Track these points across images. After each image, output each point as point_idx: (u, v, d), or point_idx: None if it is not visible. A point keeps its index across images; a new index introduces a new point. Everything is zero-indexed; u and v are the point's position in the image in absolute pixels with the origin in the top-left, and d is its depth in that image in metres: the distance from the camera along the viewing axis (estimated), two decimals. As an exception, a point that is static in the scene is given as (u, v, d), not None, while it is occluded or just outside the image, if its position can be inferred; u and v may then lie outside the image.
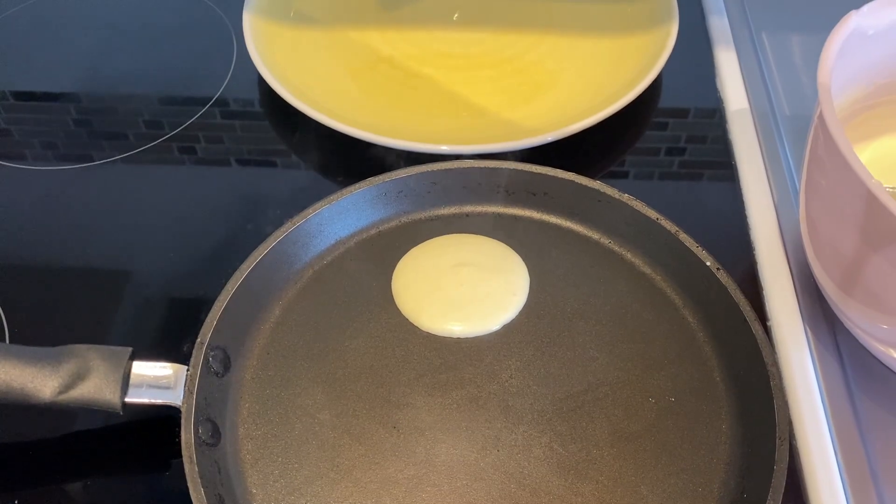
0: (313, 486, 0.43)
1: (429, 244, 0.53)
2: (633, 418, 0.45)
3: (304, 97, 0.59)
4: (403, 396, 0.46)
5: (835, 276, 0.46)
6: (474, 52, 0.67)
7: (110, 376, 0.42)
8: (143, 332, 0.51)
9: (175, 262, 0.55)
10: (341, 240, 0.53)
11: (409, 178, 0.53)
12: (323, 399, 0.46)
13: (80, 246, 0.56)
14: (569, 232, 0.53)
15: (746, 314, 0.46)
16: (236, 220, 0.57)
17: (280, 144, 0.62)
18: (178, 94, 0.66)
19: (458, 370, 0.47)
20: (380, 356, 0.48)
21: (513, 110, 0.62)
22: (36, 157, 0.62)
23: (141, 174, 0.60)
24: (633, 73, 0.61)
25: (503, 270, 0.51)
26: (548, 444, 0.44)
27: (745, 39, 0.66)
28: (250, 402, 0.46)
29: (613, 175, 0.60)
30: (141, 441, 0.47)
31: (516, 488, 0.43)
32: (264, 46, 0.63)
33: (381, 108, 0.62)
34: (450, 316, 0.49)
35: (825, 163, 0.42)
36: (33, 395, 0.42)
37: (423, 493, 0.43)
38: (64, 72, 0.68)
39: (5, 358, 0.42)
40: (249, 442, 0.44)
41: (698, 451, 0.44)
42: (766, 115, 0.61)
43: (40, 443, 0.46)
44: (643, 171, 0.60)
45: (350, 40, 0.67)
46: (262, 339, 0.48)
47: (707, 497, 0.42)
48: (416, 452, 0.44)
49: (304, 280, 0.51)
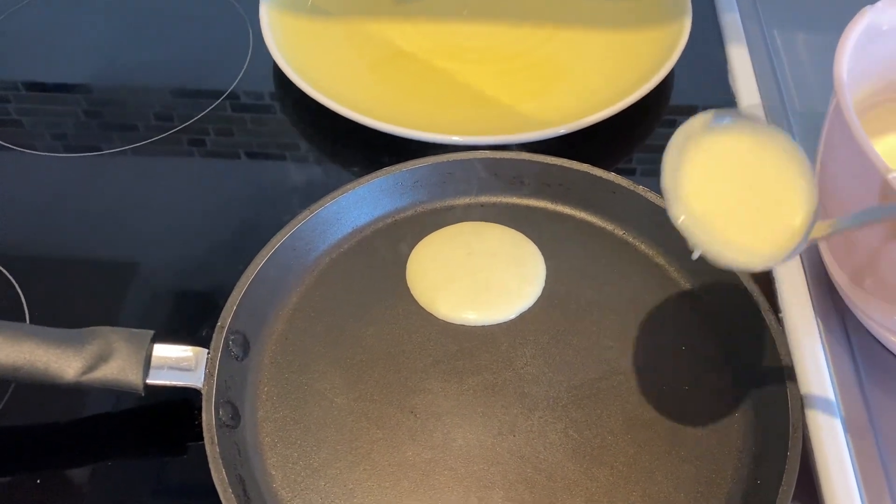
0: (332, 468, 0.44)
1: (444, 232, 0.53)
2: (647, 406, 0.46)
3: (321, 88, 0.60)
4: (420, 382, 0.47)
5: (847, 267, 0.46)
6: (488, 45, 0.67)
7: (133, 358, 0.43)
8: (160, 318, 0.52)
9: (192, 251, 0.55)
10: (358, 228, 0.53)
11: (425, 168, 0.54)
12: (340, 384, 0.47)
13: (94, 234, 0.56)
14: (583, 223, 0.54)
15: (760, 304, 0.46)
16: (252, 210, 0.57)
17: (296, 136, 0.63)
18: (193, 86, 0.67)
19: (475, 357, 0.48)
20: (396, 342, 0.48)
21: (525, 103, 0.63)
22: (46, 148, 0.62)
23: (154, 165, 0.61)
24: (646, 69, 0.62)
25: (519, 259, 0.51)
26: (563, 430, 0.45)
27: (757, 36, 0.67)
28: (269, 386, 0.46)
29: (624, 170, 0.60)
30: (160, 424, 0.47)
31: (532, 472, 0.43)
32: (281, 37, 0.64)
33: (396, 100, 0.62)
34: (466, 305, 0.50)
35: (841, 155, 0.43)
36: (57, 375, 0.42)
37: (439, 476, 0.43)
38: (77, 63, 0.69)
39: (29, 338, 0.42)
40: (268, 424, 0.45)
41: (711, 439, 0.44)
42: (778, 111, 0.61)
43: (62, 425, 0.47)
44: (654, 166, 0.61)
45: (365, 32, 0.68)
46: (281, 324, 0.49)
47: (720, 483, 0.43)
48: (433, 437, 0.45)
49: (321, 267, 0.51)
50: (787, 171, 0.40)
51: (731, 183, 0.40)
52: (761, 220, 0.40)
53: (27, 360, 0.42)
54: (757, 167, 0.40)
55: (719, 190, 0.40)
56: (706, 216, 0.39)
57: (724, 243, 0.39)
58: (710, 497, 0.43)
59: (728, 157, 0.40)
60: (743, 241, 0.39)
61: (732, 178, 0.40)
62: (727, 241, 0.39)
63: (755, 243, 0.39)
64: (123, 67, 0.68)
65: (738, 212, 0.40)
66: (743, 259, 0.39)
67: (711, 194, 0.40)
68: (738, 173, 0.40)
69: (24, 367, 0.42)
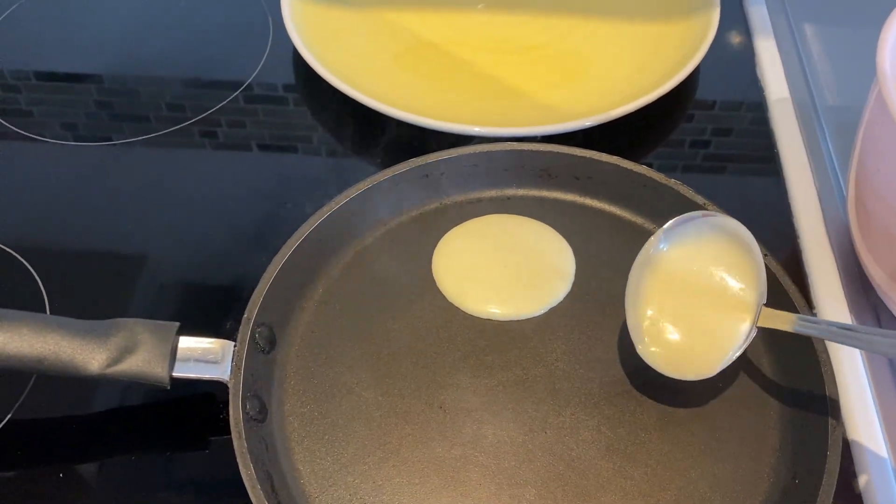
0: (360, 464, 0.43)
1: (470, 224, 0.52)
2: (681, 403, 0.45)
3: (343, 77, 0.59)
4: (449, 377, 0.46)
5: (886, 263, 0.45)
6: (512, 35, 0.66)
7: (158, 350, 0.42)
8: (181, 310, 0.51)
9: (214, 242, 0.54)
10: (382, 220, 0.52)
11: (451, 159, 0.53)
12: (368, 378, 0.46)
13: (109, 225, 0.56)
14: (612, 216, 0.53)
15: (796, 301, 0.45)
16: (274, 203, 0.56)
17: (317, 127, 0.62)
18: (210, 77, 0.66)
19: (504, 352, 0.47)
20: (424, 337, 0.47)
21: (550, 94, 0.62)
22: (56, 137, 0.61)
23: (170, 156, 0.60)
24: (673, 62, 0.61)
25: (548, 253, 0.51)
26: (596, 426, 0.44)
27: (785, 29, 0.66)
28: (296, 380, 0.45)
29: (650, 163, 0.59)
30: (182, 418, 0.46)
31: (565, 469, 0.43)
32: (303, 27, 0.63)
33: (419, 90, 0.61)
34: (494, 299, 0.49)
35: (883, 147, 0.42)
36: (81, 367, 0.41)
37: (470, 472, 0.43)
38: (89, 52, 0.68)
39: (53, 329, 0.41)
40: (295, 419, 0.44)
41: (748, 437, 0.44)
42: (807, 105, 0.60)
43: (84, 418, 0.46)
44: (684, 159, 0.60)
45: (387, 22, 0.67)
46: (307, 317, 0.48)
47: (758, 482, 0.42)
48: (463, 433, 0.44)
49: (346, 260, 0.51)
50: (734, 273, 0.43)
51: (684, 301, 0.44)
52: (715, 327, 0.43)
53: (52, 351, 0.41)
54: (706, 278, 0.44)
55: (675, 313, 0.44)
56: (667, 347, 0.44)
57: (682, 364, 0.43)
58: (748, 497, 0.42)
59: (678, 277, 0.44)
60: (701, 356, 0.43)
61: (684, 297, 0.44)
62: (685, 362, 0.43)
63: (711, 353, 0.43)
64: (137, 57, 0.67)
65: (694, 327, 0.44)
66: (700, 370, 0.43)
67: (668, 320, 0.44)
68: (689, 289, 0.44)
69: (49, 359, 0.41)
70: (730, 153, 0.60)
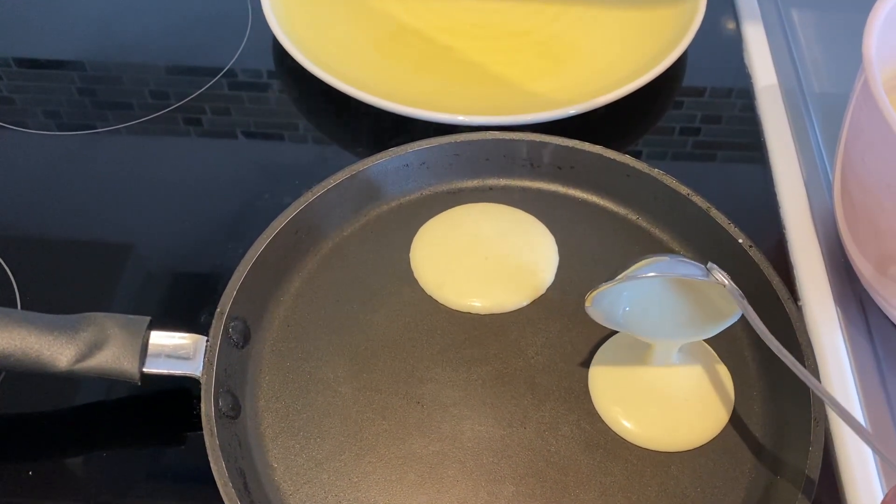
0: (336, 461, 0.42)
1: (450, 213, 0.51)
2: (663, 397, 0.44)
3: (323, 65, 0.58)
4: (427, 371, 0.45)
5: (871, 255, 0.45)
6: (496, 21, 0.65)
7: (128, 345, 0.41)
8: (156, 303, 0.50)
9: (189, 233, 0.53)
10: (362, 211, 0.51)
11: (432, 149, 0.52)
12: (344, 373, 0.45)
13: (88, 215, 0.55)
14: (596, 207, 0.52)
15: (780, 293, 0.45)
16: (252, 192, 0.55)
17: (297, 115, 0.61)
18: (189, 63, 0.64)
19: (483, 346, 0.46)
20: (402, 330, 0.47)
21: (534, 82, 0.61)
22: (39, 126, 0.60)
23: (150, 144, 0.59)
24: (660, 48, 0.60)
25: (530, 244, 0.50)
26: (575, 421, 0.43)
27: (773, 15, 0.65)
28: (270, 375, 0.45)
29: (633, 152, 0.58)
30: (157, 415, 0.45)
31: (544, 466, 0.42)
32: (281, 12, 0.62)
33: (401, 78, 0.60)
34: (473, 292, 0.48)
35: (869, 137, 0.41)
36: (49, 363, 0.40)
37: (448, 469, 0.42)
38: (70, 38, 0.66)
39: (20, 325, 0.40)
40: (270, 415, 0.43)
41: (730, 432, 0.43)
42: (795, 92, 0.59)
43: (54, 414, 0.45)
44: (668, 147, 0.59)
45: (369, 8, 0.66)
46: (282, 310, 0.47)
47: (739, 478, 0.42)
48: (441, 428, 0.43)
49: (324, 252, 0.50)
50: None
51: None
52: None
53: (18, 347, 0.40)
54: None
55: None
56: None
57: None
58: (729, 492, 0.41)
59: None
60: None
61: None
62: None
63: None
64: (118, 43, 0.66)
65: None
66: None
67: None
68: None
69: (15, 355, 0.40)
70: (717, 141, 0.59)
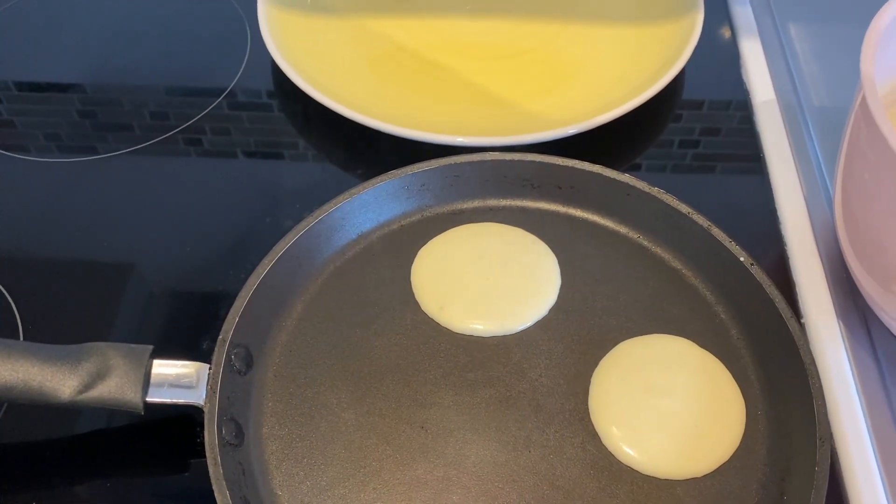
0: (340, 488, 0.42)
1: (450, 234, 0.51)
2: (667, 417, 0.44)
3: (322, 87, 0.58)
4: (430, 395, 0.45)
5: (874, 270, 0.45)
6: (494, 41, 0.65)
7: (131, 375, 0.41)
8: (159, 330, 0.50)
9: (191, 258, 0.53)
10: (363, 234, 0.51)
11: (432, 170, 0.52)
12: (348, 398, 0.45)
13: (89, 241, 0.54)
14: (596, 226, 0.52)
15: (782, 311, 0.44)
16: (253, 215, 0.55)
17: (296, 138, 0.61)
18: (190, 85, 0.65)
19: (487, 368, 0.46)
20: (405, 354, 0.47)
21: (532, 102, 0.61)
22: (39, 149, 0.60)
23: (151, 167, 0.59)
24: (657, 65, 0.60)
25: (531, 264, 0.49)
26: (581, 444, 0.43)
27: (770, 30, 0.65)
28: (273, 401, 0.45)
29: (636, 168, 0.58)
30: (160, 441, 0.45)
31: (549, 490, 0.42)
32: (280, 36, 0.62)
33: (400, 99, 0.60)
34: (475, 314, 0.48)
35: (868, 153, 0.41)
36: (52, 394, 0.40)
37: (453, 494, 0.42)
38: (71, 62, 0.67)
39: (23, 356, 0.40)
40: (273, 442, 0.43)
41: (736, 452, 0.43)
42: (793, 107, 0.59)
43: (59, 443, 0.45)
44: (668, 164, 0.59)
45: (367, 29, 0.66)
46: (285, 336, 0.47)
47: (745, 498, 0.41)
48: (446, 453, 0.43)
49: (325, 275, 0.50)
50: None
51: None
52: None
53: (20, 379, 0.40)
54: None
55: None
56: None
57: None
58: (735, 514, 0.41)
59: None
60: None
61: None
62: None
63: None
64: (119, 67, 0.66)
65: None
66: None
67: None
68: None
69: (18, 387, 0.40)
70: (716, 155, 0.59)
